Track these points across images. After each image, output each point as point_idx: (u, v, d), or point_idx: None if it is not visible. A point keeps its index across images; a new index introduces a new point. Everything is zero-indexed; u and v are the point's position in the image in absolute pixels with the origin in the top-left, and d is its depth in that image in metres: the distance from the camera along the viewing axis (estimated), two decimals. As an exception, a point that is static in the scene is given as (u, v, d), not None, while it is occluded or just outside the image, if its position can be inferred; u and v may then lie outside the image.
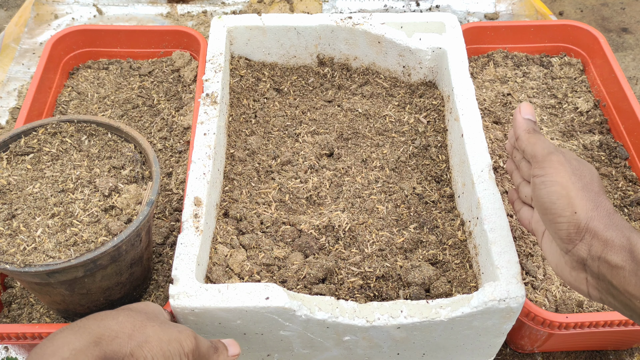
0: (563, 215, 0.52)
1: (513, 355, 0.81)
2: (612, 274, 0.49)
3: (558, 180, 0.53)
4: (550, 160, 0.55)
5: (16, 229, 0.62)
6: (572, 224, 0.51)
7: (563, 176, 0.53)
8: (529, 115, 0.61)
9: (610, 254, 0.49)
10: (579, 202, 0.52)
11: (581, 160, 0.57)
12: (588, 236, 0.51)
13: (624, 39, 1.73)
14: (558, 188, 0.53)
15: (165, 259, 0.81)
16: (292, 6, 1.32)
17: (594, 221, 0.51)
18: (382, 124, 0.90)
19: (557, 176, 0.53)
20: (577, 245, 0.52)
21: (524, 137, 0.59)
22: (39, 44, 1.22)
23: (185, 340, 0.52)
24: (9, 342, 0.69)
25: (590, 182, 0.54)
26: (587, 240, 0.51)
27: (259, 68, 0.97)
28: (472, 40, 1.05)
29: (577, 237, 0.51)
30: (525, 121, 0.61)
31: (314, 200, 0.80)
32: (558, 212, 0.52)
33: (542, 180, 0.54)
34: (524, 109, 0.62)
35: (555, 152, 0.55)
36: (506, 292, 0.62)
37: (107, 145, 0.72)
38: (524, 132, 0.60)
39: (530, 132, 0.59)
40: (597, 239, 0.50)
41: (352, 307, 0.63)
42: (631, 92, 0.93)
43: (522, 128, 0.60)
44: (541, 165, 0.55)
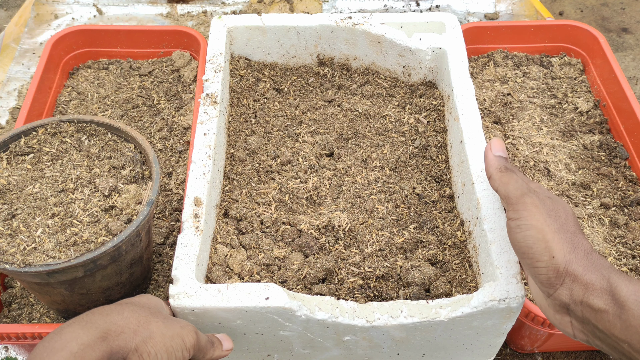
0: (541, 260, 0.51)
1: (513, 355, 0.81)
2: (596, 318, 0.48)
3: (533, 223, 0.52)
4: (524, 203, 0.53)
5: (16, 229, 0.62)
6: (551, 268, 0.50)
7: (538, 219, 0.52)
8: (500, 152, 0.59)
9: (592, 298, 0.48)
10: (556, 245, 0.50)
11: (555, 197, 0.55)
12: (568, 280, 0.50)
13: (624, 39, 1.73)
14: (534, 232, 0.51)
15: (165, 259, 0.81)
16: (292, 6, 1.32)
17: (573, 264, 0.50)
18: (382, 124, 0.90)
19: (532, 219, 0.52)
20: (558, 289, 0.51)
21: (496, 177, 0.57)
22: (39, 44, 1.22)
23: (187, 335, 0.54)
24: (9, 342, 0.69)
25: (565, 222, 0.52)
26: (567, 285, 0.50)
27: (259, 68, 0.97)
28: (472, 40, 1.05)
29: (557, 281, 0.50)
30: (497, 159, 0.58)
31: (314, 200, 0.80)
32: (536, 257, 0.51)
33: (517, 224, 0.53)
34: (494, 145, 0.59)
35: (528, 193, 0.54)
36: (506, 292, 0.62)
37: (107, 145, 0.72)
38: (495, 172, 0.57)
39: (502, 171, 0.57)
40: (577, 282, 0.49)
41: (352, 307, 0.63)
42: (631, 92, 0.94)
43: (493, 167, 0.58)
44: (515, 208, 0.54)
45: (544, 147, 0.91)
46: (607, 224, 0.83)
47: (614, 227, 0.82)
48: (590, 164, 0.90)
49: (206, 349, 0.57)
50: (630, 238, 0.81)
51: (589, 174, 0.89)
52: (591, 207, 0.84)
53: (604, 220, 0.83)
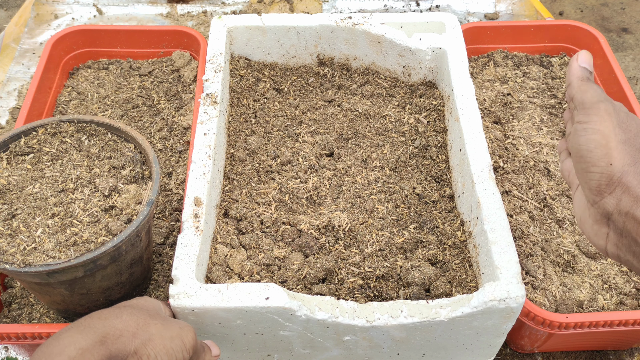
0: (597, 165, 0.50)
1: (513, 355, 0.81)
2: (638, 230, 0.48)
3: (601, 128, 0.50)
4: (597, 108, 0.52)
5: (16, 229, 0.62)
6: (605, 175, 0.49)
7: (607, 126, 0.50)
8: (586, 64, 0.58)
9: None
10: (617, 154, 0.49)
11: (631, 114, 0.54)
12: (619, 190, 0.49)
13: (624, 39, 1.73)
14: (598, 137, 0.50)
15: (165, 259, 0.81)
16: (292, 6, 1.32)
17: (629, 176, 0.49)
18: (382, 124, 0.90)
19: (600, 125, 0.51)
20: (605, 197, 0.50)
21: (575, 84, 0.56)
22: (39, 44, 1.22)
23: (186, 336, 0.54)
24: (9, 342, 0.69)
25: (634, 137, 0.51)
26: (617, 194, 0.49)
27: (259, 68, 0.97)
28: (472, 40, 1.05)
29: (607, 189, 0.49)
30: (581, 69, 0.57)
31: (314, 200, 0.80)
32: (593, 161, 0.50)
33: (584, 127, 0.51)
34: (581, 56, 0.58)
35: (604, 101, 0.53)
36: (506, 292, 0.62)
37: (107, 145, 0.72)
38: (576, 79, 0.56)
39: (583, 80, 0.56)
40: (628, 194, 0.48)
41: (352, 307, 0.63)
42: (631, 92, 0.93)
43: (575, 75, 0.57)
44: (587, 112, 0.52)
45: (544, 147, 0.91)
46: (607, 224, 0.83)
47: (614, 227, 0.82)
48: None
49: (200, 352, 0.58)
50: (630, 238, 0.81)
51: (589, 174, 0.89)
52: (591, 207, 0.84)
53: (604, 220, 0.83)
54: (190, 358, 0.56)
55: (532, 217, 0.82)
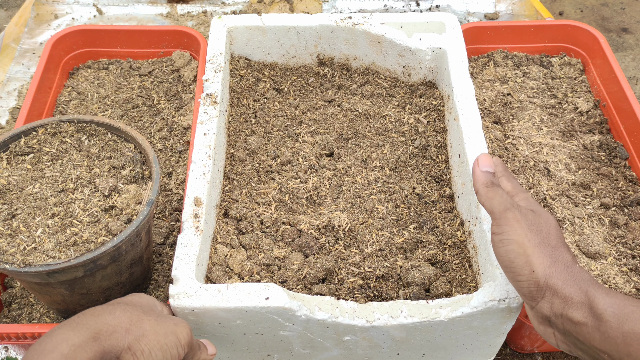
0: (522, 274, 0.53)
1: (513, 355, 0.81)
2: (576, 330, 0.50)
3: (514, 238, 0.53)
4: (506, 218, 0.55)
5: (16, 229, 0.62)
6: (532, 282, 0.52)
7: (519, 234, 0.53)
8: (487, 167, 0.60)
9: (572, 311, 0.50)
10: (536, 259, 0.52)
11: (538, 210, 0.57)
12: (549, 294, 0.51)
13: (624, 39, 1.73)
14: (515, 247, 0.53)
15: (165, 259, 0.81)
16: (292, 6, 1.32)
17: (553, 278, 0.51)
18: (382, 124, 0.90)
19: (513, 234, 0.54)
20: (539, 302, 0.52)
21: (482, 192, 0.59)
22: (39, 44, 1.22)
23: (181, 332, 0.54)
24: (9, 342, 0.69)
25: (547, 236, 0.54)
26: (548, 298, 0.52)
27: (259, 68, 0.97)
28: (472, 40, 1.05)
29: (538, 294, 0.52)
30: (484, 174, 0.60)
31: (314, 200, 0.80)
32: (517, 270, 0.53)
33: (500, 238, 0.54)
34: (481, 161, 0.61)
35: (511, 208, 0.55)
36: (506, 292, 0.62)
37: (107, 145, 0.72)
38: (482, 187, 0.59)
39: (488, 186, 0.58)
40: (557, 296, 0.51)
41: (352, 307, 0.63)
42: (631, 92, 0.94)
43: (480, 182, 0.59)
44: (498, 222, 0.55)
45: (544, 147, 0.91)
46: (607, 224, 0.83)
47: (614, 227, 0.82)
48: (590, 164, 0.90)
49: (196, 350, 0.58)
50: (630, 238, 0.81)
51: (589, 174, 0.89)
52: (591, 207, 0.84)
53: (604, 220, 0.83)
54: (185, 355, 0.56)
55: (532, 217, 0.82)
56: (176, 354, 0.53)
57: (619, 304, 0.48)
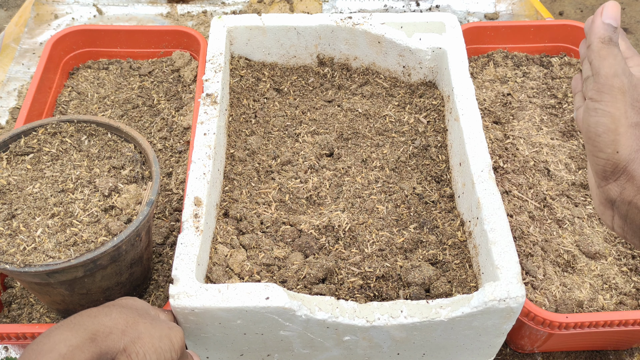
0: (604, 151, 0.48)
1: (513, 355, 0.81)
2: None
3: (611, 111, 0.48)
4: (610, 86, 0.49)
5: (16, 229, 0.62)
6: (611, 162, 0.48)
7: (618, 107, 0.48)
8: (612, 19, 0.52)
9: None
10: (625, 140, 0.47)
11: None
12: (623, 178, 0.48)
13: (624, 39, 1.73)
14: (608, 120, 0.48)
15: (165, 259, 0.81)
16: (292, 6, 1.32)
17: (634, 164, 0.47)
18: (382, 124, 0.90)
19: (612, 106, 0.48)
20: (610, 184, 0.49)
21: (595, 47, 0.51)
22: (39, 44, 1.22)
23: (175, 336, 0.55)
24: (9, 342, 0.69)
25: None
26: (621, 182, 0.48)
27: (259, 68, 0.97)
28: (472, 40, 1.05)
29: (612, 176, 0.48)
30: (604, 27, 0.52)
31: (314, 200, 0.80)
32: (600, 146, 0.48)
33: (595, 106, 0.49)
34: (607, 10, 0.52)
35: (621, 74, 0.49)
36: (506, 292, 0.62)
37: (107, 145, 0.72)
38: (597, 41, 0.52)
39: (604, 42, 0.51)
40: (632, 183, 0.47)
41: (352, 307, 0.63)
42: (631, 92, 0.93)
43: (597, 34, 0.51)
44: (600, 89, 0.49)
45: (544, 147, 0.91)
46: (607, 224, 0.83)
47: (614, 227, 0.82)
48: None
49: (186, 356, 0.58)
50: (630, 238, 0.81)
51: (589, 174, 0.89)
52: (591, 207, 0.84)
53: (604, 220, 0.83)
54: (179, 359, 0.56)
55: (532, 217, 0.82)
56: (169, 358, 0.53)
57: None
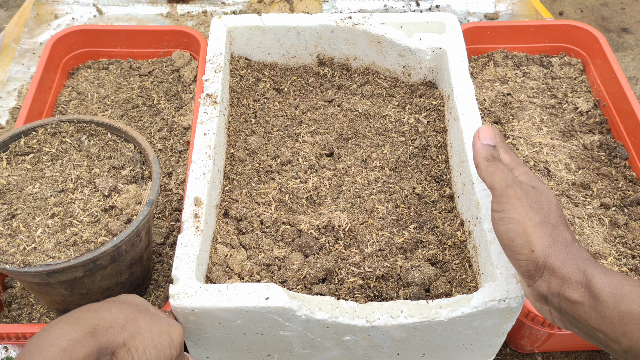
0: (521, 253, 0.52)
1: (513, 355, 0.81)
2: (572, 309, 0.50)
3: (515, 217, 0.53)
4: (507, 196, 0.54)
5: (16, 229, 0.62)
6: (531, 261, 0.52)
7: (520, 212, 0.53)
8: (488, 140, 0.59)
9: (569, 291, 0.50)
10: (536, 239, 0.52)
11: (540, 187, 0.56)
12: (547, 273, 0.51)
13: (624, 39, 1.73)
14: (515, 226, 0.53)
15: (165, 259, 0.81)
16: (292, 6, 1.32)
17: (552, 258, 0.51)
18: (382, 124, 0.90)
19: (514, 212, 0.53)
20: (537, 281, 0.52)
21: (482, 167, 0.57)
22: (39, 44, 1.22)
23: (174, 333, 0.55)
24: (9, 342, 0.69)
25: (547, 214, 0.53)
26: (545, 277, 0.52)
27: (259, 68, 0.97)
28: (472, 40, 1.05)
29: (536, 274, 0.52)
30: (484, 147, 0.58)
31: (314, 200, 0.80)
32: (516, 249, 0.53)
33: (500, 216, 0.54)
34: (482, 133, 0.59)
35: (512, 185, 0.54)
36: (506, 292, 0.62)
37: (107, 145, 0.72)
38: (482, 161, 0.57)
39: (489, 161, 0.57)
40: (555, 276, 0.51)
41: (352, 307, 0.63)
42: (631, 92, 0.94)
43: (480, 155, 0.58)
44: (499, 200, 0.54)
45: (544, 147, 0.91)
46: (607, 224, 0.83)
47: (614, 227, 0.82)
48: (590, 164, 0.90)
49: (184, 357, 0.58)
50: (630, 238, 0.81)
51: (589, 174, 0.89)
52: (591, 207, 0.84)
53: (604, 220, 0.83)
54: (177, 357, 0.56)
55: (532, 217, 0.82)
56: (169, 354, 0.53)
57: (616, 284, 0.48)
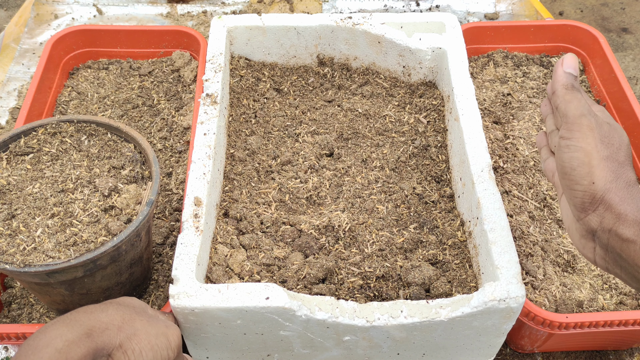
0: (580, 184, 0.51)
1: (513, 355, 0.81)
2: (622, 247, 0.48)
3: (583, 146, 0.51)
4: (579, 124, 0.52)
5: (16, 229, 0.62)
6: (588, 193, 0.50)
7: (589, 143, 0.51)
8: (571, 68, 0.57)
9: (622, 228, 0.48)
10: (599, 172, 0.50)
11: (614, 124, 0.54)
12: (602, 208, 0.50)
13: (624, 39, 1.73)
14: (581, 155, 0.51)
15: (165, 259, 0.81)
16: (292, 6, 1.32)
17: (611, 193, 0.50)
18: (382, 124, 0.90)
19: (583, 142, 0.51)
20: (589, 215, 0.51)
21: (560, 93, 0.56)
22: (39, 44, 1.22)
23: (172, 335, 0.55)
24: (9, 342, 0.69)
25: (617, 151, 0.52)
26: (600, 212, 0.50)
27: (259, 68, 0.97)
28: (472, 40, 1.05)
29: (590, 207, 0.50)
30: (566, 75, 0.56)
31: (314, 200, 0.80)
32: (576, 179, 0.51)
33: (567, 143, 0.52)
34: (567, 60, 0.57)
35: (587, 114, 0.53)
36: (506, 292, 0.62)
37: (107, 145, 0.72)
38: (561, 87, 0.56)
39: (567, 88, 0.55)
40: (611, 211, 0.49)
41: (352, 307, 0.63)
42: (631, 92, 0.93)
43: (560, 82, 0.56)
44: (570, 127, 0.53)
45: (544, 147, 0.91)
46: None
47: (614, 227, 0.82)
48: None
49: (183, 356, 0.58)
50: (630, 238, 0.81)
51: (589, 174, 0.89)
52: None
53: (604, 220, 0.83)
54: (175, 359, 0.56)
55: (532, 217, 0.82)
56: (166, 356, 0.53)
57: None
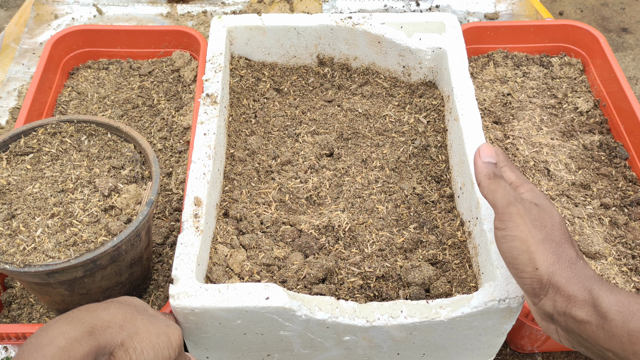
0: (525, 271, 0.52)
1: (513, 355, 0.81)
2: (579, 328, 0.49)
3: (517, 234, 0.52)
4: (509, 213, 0.53)
5: (16, 229, 0.62)
6: (535, 279, 0.51)
7: (522, 230, 0.52)
8: (489, 157, 0.58)
9: (575, 309, 0.49)
10: (539, 257, 0.51)
11: (543, 204, 0.55)
12: (552, 291, 0.51)
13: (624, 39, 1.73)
14: (518, 243, 0.52)
15: (165, 259, 0.81)
16: (292, 6, 1.32)
17: (556, 276, 0.50)
18: (382, 124, 0.90)
19: (516, 230, 0.53)
20: (542, 299, 0.52)
21: (484, 184, 0.57)
22: (39, 44, 1.22)
23: (173, 334, 0.55)
24: (8, 342, 0.69)
25: (551, 231, 0.53)
26: (551, 296, 0.51)
27: (259, 68, 0.97)
28: (472, 40, 1.05)
29: (541, 292, 0.51)
30: (485, 165, 0.58)
31: (314, 200, 0.80)
32: (520, 267, 0.52)
33: (503, 234, 0.54)
34: (483, 151, 0.59)
35: (514, 202, 0.54)
36: (506, 292, 0.62)
37: (106, 145, 0.72)
38: (484, 178, 0.57)
39: (490, 178, 0.57)
40: (560, 294, 0.50)
41: (352, 307, 0.63)
42: (631, 92, 0.94)
43: (482, 173, 0.58)
44: (501, 217, 0.54)
45: (544, 147, 0.91)
46: (607, 224, 0.83)
47: (614, 227, 0.82)
48: (590, 164, 0.90)
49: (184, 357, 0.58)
50: (630, 238, 0.81)
51: (589, 174, 0.89)
52: (591, 207, 0.84)
53: (604, 220, 0.83)
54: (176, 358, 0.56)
55: (532, 217, 0.82)
56: (167, 355, 0.53)
57: (623, 302, 0.47)
